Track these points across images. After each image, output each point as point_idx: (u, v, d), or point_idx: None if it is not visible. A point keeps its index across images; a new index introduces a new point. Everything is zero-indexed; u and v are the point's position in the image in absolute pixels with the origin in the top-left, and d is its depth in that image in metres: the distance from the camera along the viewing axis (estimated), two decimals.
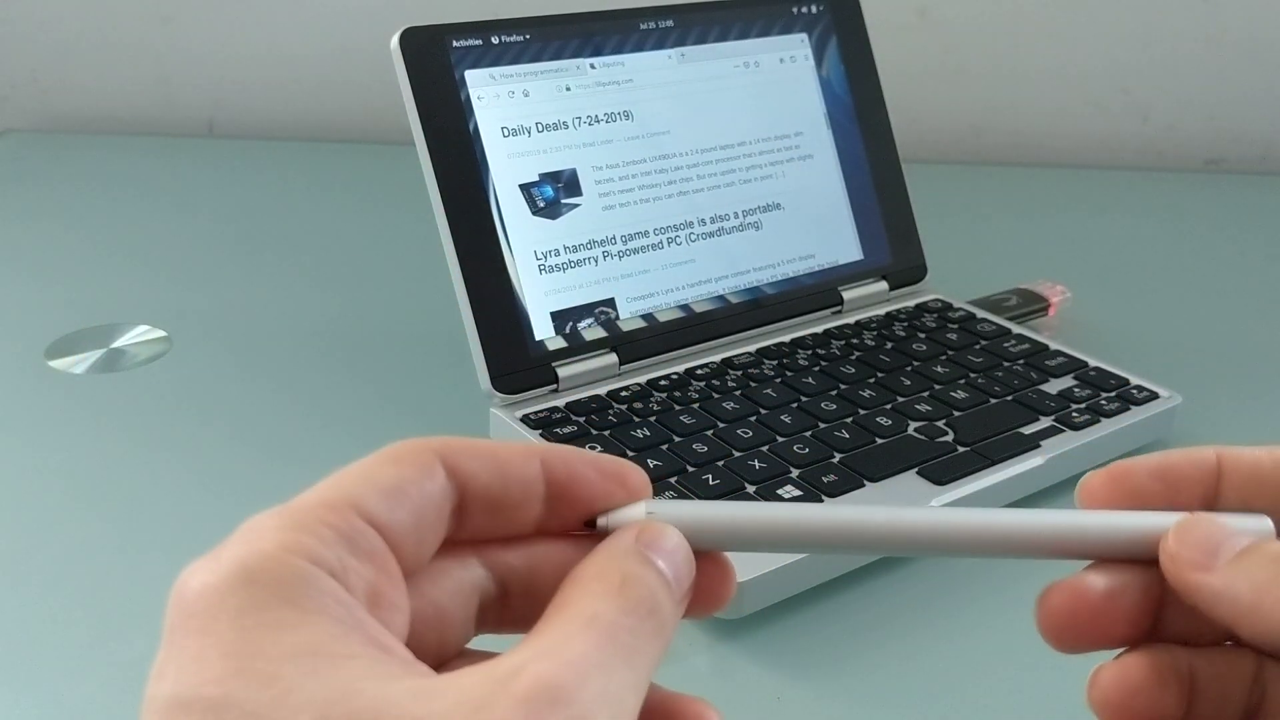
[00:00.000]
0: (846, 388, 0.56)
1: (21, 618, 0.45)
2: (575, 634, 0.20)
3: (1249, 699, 0.25)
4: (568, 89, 0.58)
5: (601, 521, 0.24)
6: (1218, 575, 0.23)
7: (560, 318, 0.56)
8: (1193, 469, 0.26)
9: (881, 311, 0.65)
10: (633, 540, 0.23)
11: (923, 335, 0.62)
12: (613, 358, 0.57)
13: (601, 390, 0.55)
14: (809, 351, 0.60)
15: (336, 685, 0.18)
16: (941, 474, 0.49)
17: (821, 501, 0.47)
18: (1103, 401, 0.55)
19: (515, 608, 0.25)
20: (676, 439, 0.51)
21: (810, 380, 0.57)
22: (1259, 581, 0.23)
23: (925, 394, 0.56)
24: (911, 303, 0.66)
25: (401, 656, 0.20)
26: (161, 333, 0.69)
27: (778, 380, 0.57)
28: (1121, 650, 0.25)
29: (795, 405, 0.55)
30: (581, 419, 0.53)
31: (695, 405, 0.54)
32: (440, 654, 0.24)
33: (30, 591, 0.47)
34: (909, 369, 0.58)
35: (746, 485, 0.48)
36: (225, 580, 0.19)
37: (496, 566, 0.25)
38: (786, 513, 0.25)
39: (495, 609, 0.25)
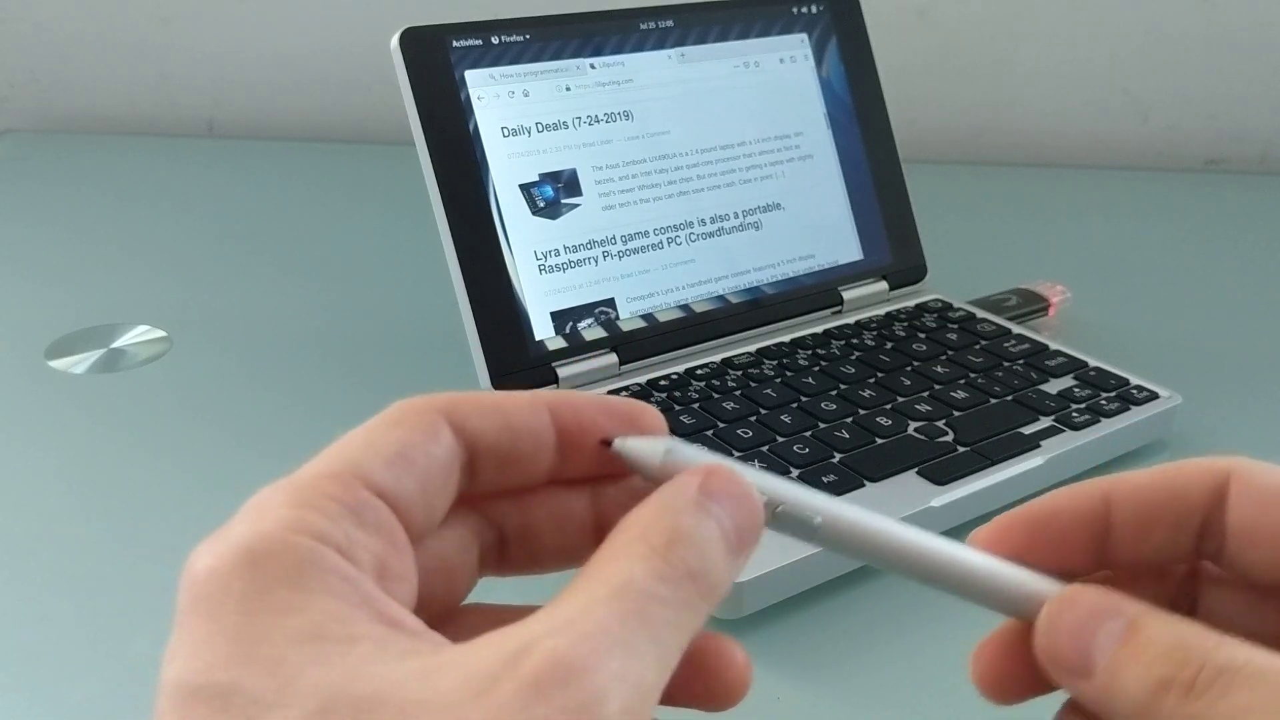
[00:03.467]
0: (846, 388, 0.56)
1: (21, 618, 0.45)
2: (599, 604, 0.19)
3: None
4: (568, 89, 0.58)
5: (617, 444, 0.23)
6: (1094, 684, 0.22)
7: (560, 318, 0.56)
8: (1072, 520, 0.24)
9: (881, 311, 0.65)
10: (695, 489, 0.21)
11: (923, 335, 0.62)
12: (613, 358, 0.57)
13: (602, 390, 0.55)
14: (809, 351, 0.60)
15: (341, 670, 0.18)
16: (941, 474, 0.49)
17: None
18: (1103, 401, 0.55)
19: (514, 555, 0.25)
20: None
21: (810, 380, 0.57)
22: (1133, 701, 0.21)
23: (925, 394, 0.56)
24: (911, 303, 0.66)
25: (410, 629, 0.20)
26: (161, 333, 0.69)
27: (778, 380, 0.57)
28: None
29: (795, 405, 0.55)
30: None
31: (695, 405, 0.54)
32: (448, 603, 0.24)
33: (30, 591, 0.47)
34: (909, 369, 0.58)
35: None
36: (230, 563, 0.19)
37: (496, 516, 0.24)
38: (797, 491, 0.24)
39: (495, 554, 0.25)
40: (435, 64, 0.54)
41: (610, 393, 0.55)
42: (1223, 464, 0.24)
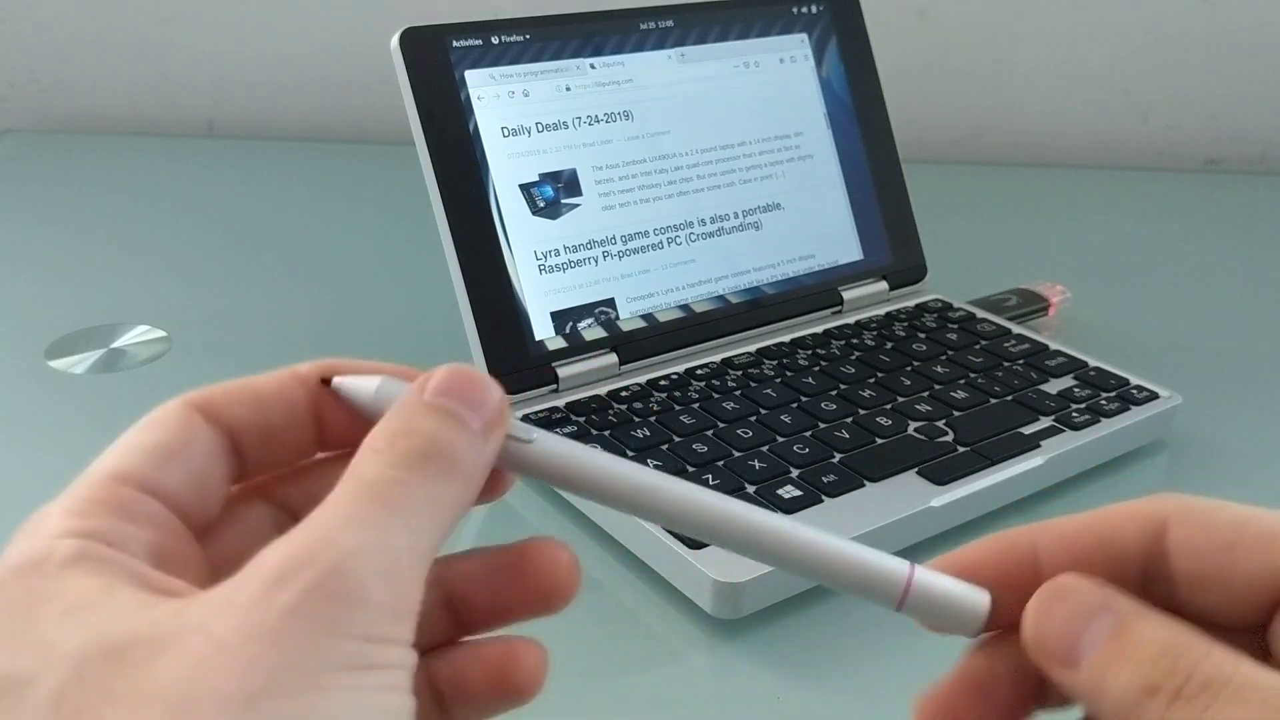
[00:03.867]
0: (846, 388, 0.56)
1: None
2: (329, 506, 0.20)
3: None
4: (568, 89, 0.58)
5: (336, 381, 0.25)
6: (1081, 676, 0.21)
7: (560, 318, 0.56)
8: (997, 574, 0.23)
9: (881, 311, 0.65)
10: (413, 394, 0.22)
11: (923, 335, 0.62)
12: (613, 358, 0.57)
13: (601, 390, 0.55)
14: (809, 351, 0.60)
15: (94, 629, 0.18)
16: (941, 474, 0.49)
17: (821, 501, 0.47)
18: (1103, 401, 0.55)
19: None
20: (676, 439, 0.51)
21: (810, 380, 0.57)
22: (1120, 701, 0.20)
23: (925, 394, 0.56)
24: (911, 303, 0.66)
25: (179, 591, 0.20)
26: (161, 333, 0.69)
27: (778, 380, 0.57)
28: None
29: (795, 405, 0.55)
30: (581, 419, 0.53)
31: (695, 405, 0.54)
32: None
33: None
34: (909, 369, 0.58)
35: (746, 485, 0.48)
36: (4, 580, 0.20)
37: (284, 501, 0.25)
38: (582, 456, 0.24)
39: None
40: (435, 64, 0.54)
41: (610, 393, 0.55)
42: (1155, 507, 0.23)
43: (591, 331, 0.57)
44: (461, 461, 0.22)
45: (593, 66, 0.59)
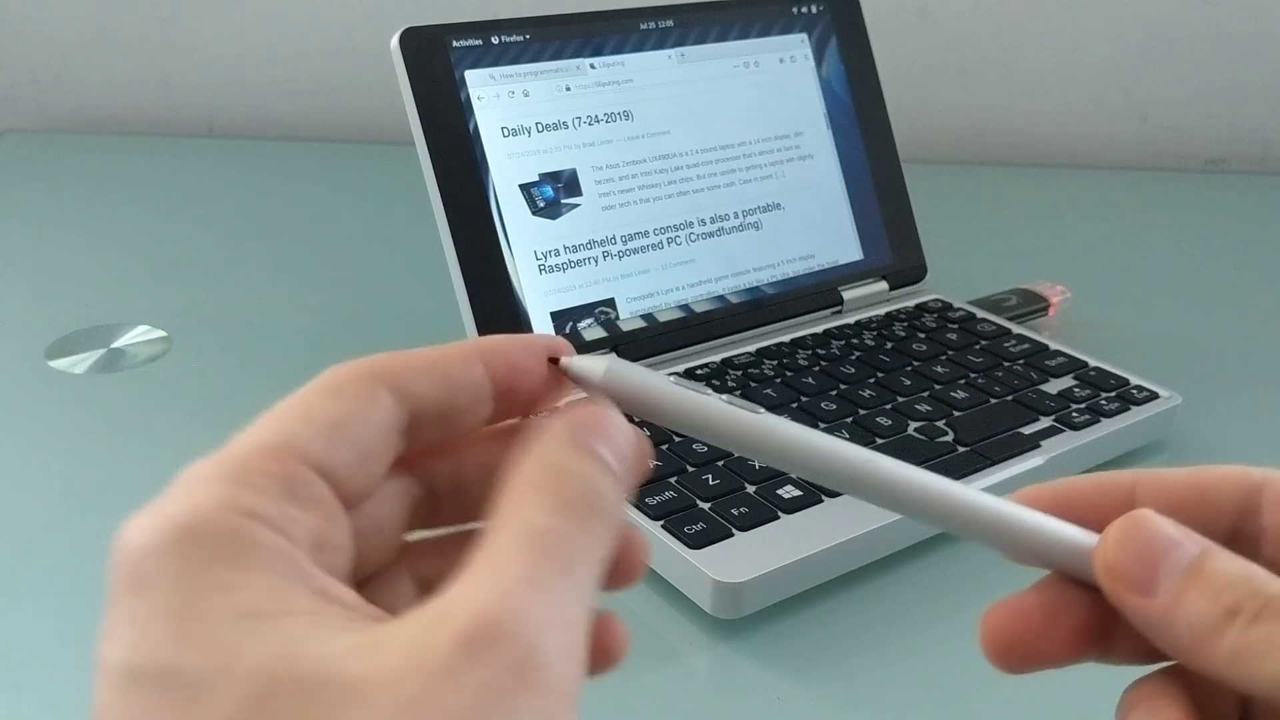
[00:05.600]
0: (846, 388, 0.56)
1: (21, 618, 0.45)
2: (510, 555, 0.19)
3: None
4: (568, 89, 0.58)
5: (564, 361, 0.24)
6: (1156, 604, 0.22)
7: (560, 318, 0.56)
8: (1095, 507, 0.24)
9: (881, 311, 0.65)
10: (566, 431, 0.22)
11: (923, 335, 0.62)
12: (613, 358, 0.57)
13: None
14: (809, 351, 0.60)
15: (278, 648, 0.18)
16: (941, 474, 0.49)
17: (821, 501, 0.47)
18: (1103, 401, 0.55)
19: (445, 509, 0.25)
20: (676, 438, 0.51)
21: (810, 380, 0.57)
22: (1197, 625, 0.21)
23: (925, 394, 0.56)
24: (911, 303, 0.66)
25: (347, 603, 0.20)
26: (161, 333, 0.69)
27: (778, 380, 0.57)
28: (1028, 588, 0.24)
29: (795, 405, 0.55)
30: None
31: None
32: (378, 563, 0.24)
33: (30, 592, 0.47)
34: (909, 369, 0.58)
35: (746, 485, 0.48)
36: (166, 539, 0.19)
37: (428, 476, 0.24)
38: (734, 414, 0.24)
39: (425, 510, 0.25)
40: (435, 64, 0.54)
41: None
42: (1256, 474, 0.24)
43: (591, 331, 0.57)
44: (613, 508, 0.21)
45: (593, 66, 0.59)
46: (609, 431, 0.22)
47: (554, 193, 0.57)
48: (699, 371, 0.57)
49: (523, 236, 0.55)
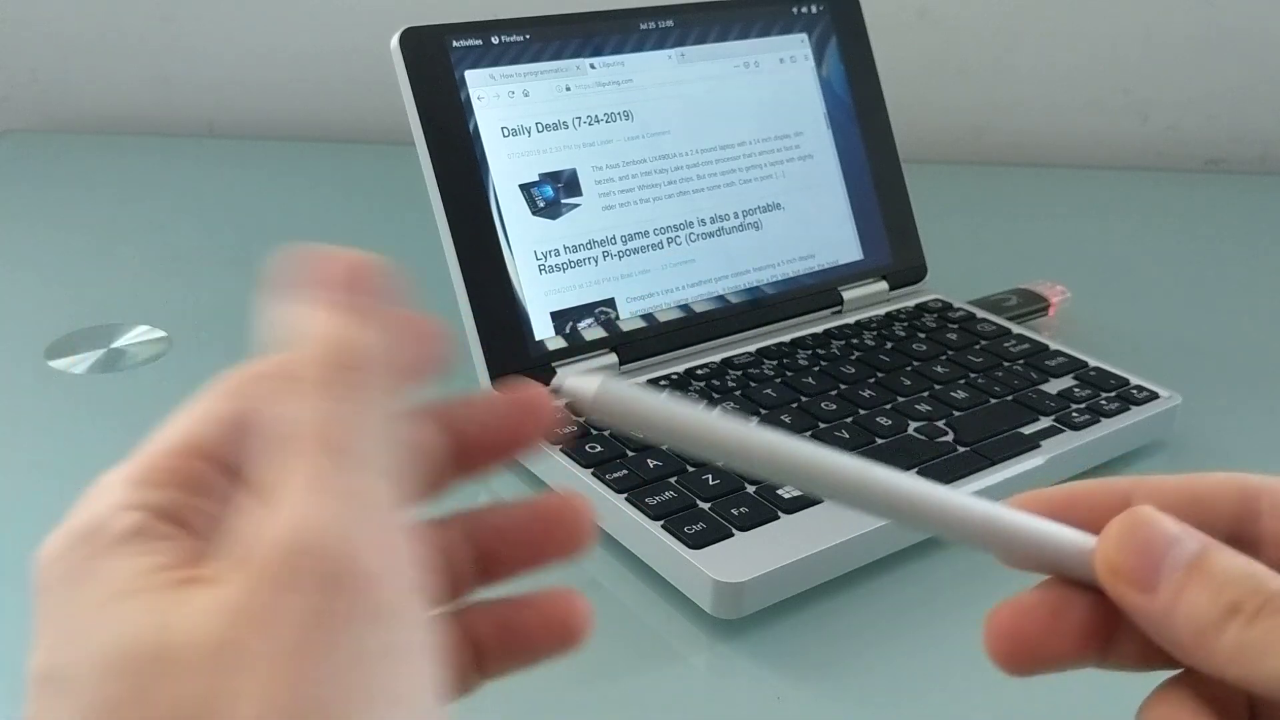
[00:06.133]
0: (846, 388, 0.56)
1: (21, 618, 0.45)
2: (283, 469, 0.19)
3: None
4: (568, 89, 0.58)
5: (555, 382, 0.25)
6: (1157, 600, 0.22)
7: (560, 318, 0.56)
8: (1091, 513, 0.24)
9: (881, 311, 0.65)
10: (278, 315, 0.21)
11: (923, 335, 0.62)
12: (613, 358, 0.57)
13: None
14: (809, 351, 0.60)
15: (124, 626, 0.18)
16: (941, 474, 0.49)
17: (821, 501, 0.47)
18: (1103, 401, 0.55)
19: None
20: None
21: (810, 380, 0.57)
22: (1197, 622, 0.21)
23: (925, 394, 0.56)
24: (911, 303, 0.66)
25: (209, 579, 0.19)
26: (161, 333, 0.69)
27: (778, 380, 0.57)
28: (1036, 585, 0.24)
29: (795, 405, 0.55)
30: (581, 419, 0.53)
31: None
32: None
33: (30, 592, 0.47)
34: (909, 369, 0.58)
35: (746, 485, 0.48)
36: (61, 546, 0.20)
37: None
38: (730, 428, 0.24)
39: None
40: (435, 64, 0.54)
41: None
42: (1252, 481, 0.24)
43: (591, 331, 0.57)
44: (370, 354, 0.21)
45: (593, 66, 0.59)
46: (323, 273, 0.22)
47: (554, 193, 0.57)
48: (699, 371, 0.57)
49: (523, 236, 0.55)
